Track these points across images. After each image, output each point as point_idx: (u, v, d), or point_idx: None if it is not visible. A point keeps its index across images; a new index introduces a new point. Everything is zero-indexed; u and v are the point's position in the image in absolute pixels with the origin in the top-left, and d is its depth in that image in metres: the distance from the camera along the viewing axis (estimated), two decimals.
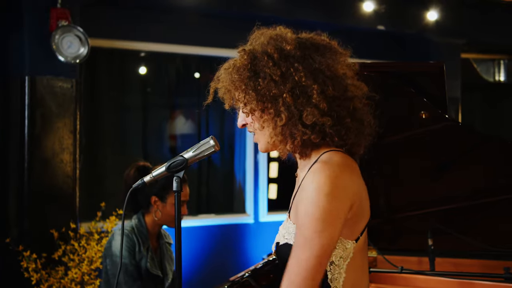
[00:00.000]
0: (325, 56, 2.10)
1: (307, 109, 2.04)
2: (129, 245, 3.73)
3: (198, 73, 7.46)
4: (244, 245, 7.16)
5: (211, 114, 7.40)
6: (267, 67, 2.08)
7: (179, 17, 6.82)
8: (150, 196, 3.82)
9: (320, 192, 1.95)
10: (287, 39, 2.11)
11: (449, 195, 3.92)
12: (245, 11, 6.95)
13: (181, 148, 7.34)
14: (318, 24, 7.25)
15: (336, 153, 2.08)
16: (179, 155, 2.35)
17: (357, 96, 2.12)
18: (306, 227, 1.96)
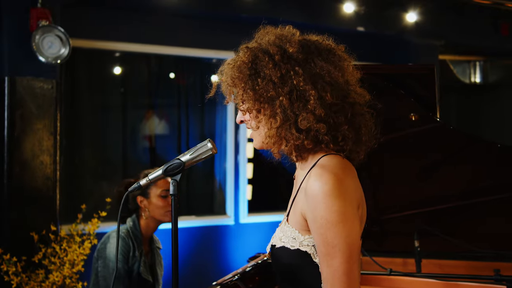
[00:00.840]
0: (328, 61, 2.08)
1: (302, 114, 2.03)
2: (124, 249, 3.71)
3: (176, 73, 7.41)
4: (224, 246, 7.13)
5: (191, 114, 7.35)
6: (267, 68, 2.07)
7: (160, 18, 6.79)
8: (135, 198, 3.83)
9: (330, 197, 1.94)
10: (291, 41, 2.10)
11: (436, 196, 3.94)
12: (226, 12, 6.93)
13: (160, 148, 7.30)
14: (299, 24, 7.25)
15: (334, 156, 2.07)
16: (176, 158, 2.32)
17: (358, 103, 2.11)
18: (327, 234, 1.96)
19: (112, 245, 3.70)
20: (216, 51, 7.21)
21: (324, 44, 2.14)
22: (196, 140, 7.44)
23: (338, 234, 1.93)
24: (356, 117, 2.09)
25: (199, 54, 7.22)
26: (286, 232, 2.10)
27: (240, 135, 7.31)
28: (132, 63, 7.18)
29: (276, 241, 2.14)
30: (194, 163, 2.33)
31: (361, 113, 2.11)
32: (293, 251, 2.06)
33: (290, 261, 2.08)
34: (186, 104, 7.32)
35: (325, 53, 2.10)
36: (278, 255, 2.12)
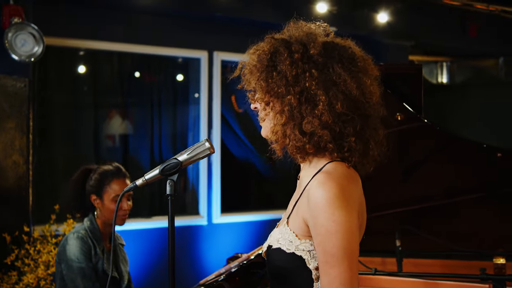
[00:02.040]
0: (346, 70, 2.04)
1: (308, 117, 2.01)
2: (84, 249, 3.65)
3: (149, 72, 7.35)
4: (197, 247, 7.09)
5: (164, 112, 7.30)
6: (284, 64, 2.05)
7: (134, 17, 6.72)
8: (90, 195, 3.78)
9: (331, 206, 1.93)
10: (315, 41, 2.06)
11: (416, 195, 3.96)
12: (199, 10, 6.89)
13: (133, 148, 7.24)
14: (272, 24, 7.25)
15: (340, 164, 2.05)
16: (173, 158, 2.28)
17: (371, 116, 2.08)
18: (326, 243, 1.94)
19: (71, 246, 3.64)
20: (192, 50, 7.17)
21: (349, 52, 2.09)
22: (168, 139, 7.38)
23: (337, 243, 1.92)
24: (367, 130, 2.06)
25: (173, 53, 7.18)
26: (284, 234, 2.08)
27: (213, 134, 7.27)
28: (104, 61, 7.09)
29: (273, 242, 2.11)
30: (191, 162, 2.30)
31: (374, 127, 2.09)
32: (288, 254, 2.04)
33: (284, 264, 2.06)
34: (158, 102, 7.26)
35: (346, 61, 2.06)
36: (273, 256, 2.10)
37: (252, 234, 7.48)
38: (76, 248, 3.61)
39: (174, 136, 7.41)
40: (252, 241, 7.39)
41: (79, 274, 3.57)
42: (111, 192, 3.76)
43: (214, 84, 7.32)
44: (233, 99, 7.79)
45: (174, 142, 7.42)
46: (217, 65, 7.30)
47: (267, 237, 2.24)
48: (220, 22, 7.21)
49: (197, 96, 7.44)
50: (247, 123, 7.92)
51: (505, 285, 3.18)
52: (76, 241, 3.64)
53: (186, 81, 7.55)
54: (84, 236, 3.68)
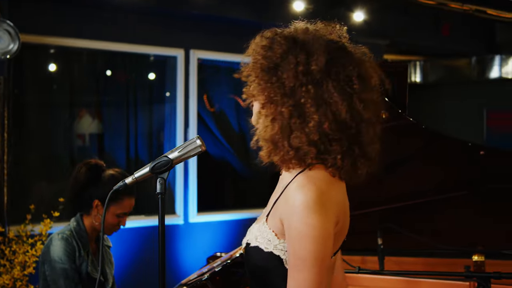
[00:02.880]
0: (340, 91, 1.99)
1: (296, 132, 1.97)
2: (68, 250, 3.57)
3: (125, 70, 7.29)
4: (174, 246, 7.04)
5: (139, 111, 7.24)
6: (287, 73, 1.99)
7: (110, 14, 6.65)
8: (93, 199, 3.67)
9: (307, 209, 1.90)
10: (319, 54, 1.99)
11: (397, 193, 3.96)
12: (176, 8, 6.84)
13: (109, 146, 7.17)
14: (249, 22, 7.24)
15: (323, 168, 2.01)
16: (163, 156, 2.25)
17: (362, 134, 2.02)
18: (297, 246, 1.91)
19: (55, 247, 3.55)
20: (168, 48, 7.13)
21: (348, 70, 2.02)
22: (144, 137, 7.33)
23: (307, 248, 1.89)
24: (356, 149, 2.01)
25: (149, 51, 7.13)
26: (263, 232, 2.06)
27: (190, 133, 7.23)
28: (78, 59, 7.01)
29: (252, 240, 2.09)
30: (182, 160, 2.27)
31: (366, 144, 2.03)
32: (266, 253, 2.02)
33: (262, 263, 2.04)
34: (134, 101, 7.20)
35: (343, 81, 2.00)
36: (251, 254, 2.08)
37: (229, 233, 7.45)
38: (60, 249, 3.54)
39: (148, 135, 7.35)
40: (229, 240, 7.36)
41: (61, 275, 3.50)
42: (119, 208, 3.65)
43: (190, 82, 7.27)
44: (205, 98, 7.75)
45: (149, 141, 7.37)
46: (193, 63, 7.25)
47: (243, 236, 2.22)
48: (197, 20, 7.17)
49: (168, 95, 7.40)
50: (223, 122, 7.89)
51: (489, 283, 3.18)
52: (60, 242, 3.56)
53: (158, 80, 7.49)
54: (69, 237, 3.60)
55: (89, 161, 3.70)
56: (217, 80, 7.88)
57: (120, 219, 3.66)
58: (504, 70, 9.81)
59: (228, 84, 7.97)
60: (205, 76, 7.67)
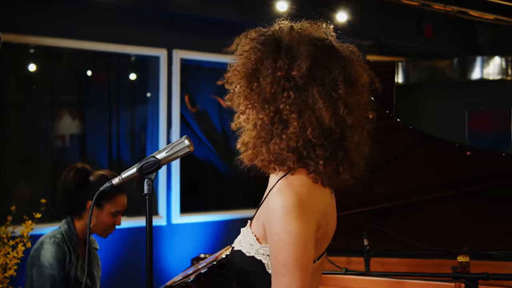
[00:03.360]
0: (325, 97, 1.94)
1: (276, 139, 1.94)
2: (60, 255, 3.51)
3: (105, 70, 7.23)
4: (157, 248, 6.99)
5: (122, 111, 7.18)
6: (266, 79, 1.95)
7: (92, 13, 6.60)
8: (87, 200, 3.61)
9: (288, 215, 1.87)
10: (301, 61, 1.94)
11: (384, 194, 3.95)
12: (157, 8, 6.80)
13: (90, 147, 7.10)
14: (233, 22, 7.21)
15: (305, 173, 1.98)
16: (151, 156, 2.21)
17: (347, 139, 1.98)
18: (278, 252, 1.89)
19: (46, 251, 3.49)
20: (151, 48, 7.08)
21: (334, 75, 1.97)
22: (126, 138, 7.27)
23: (289, 254, 1.87)
24: (339, 154, 1.97)
25: (131, 51, 7.08)
26: (246, 236, 2.05)
27: (172, 134, 7.18)
28: (58, 59, 6.93)
29: (236, 243, 2.08)
30: (170, 161, 2.23)
31: (352, 148, 1.99)
32: (248, 258, 2.01)
33: (244, 267, 2.03)
34: (116, 101, 7.15)
35: (328, 85, 1.95)
36: (234, 258, 2.07)
37: (212, 234, 7.41)
38: (51, 254, 3.47)
39: (131, 135, 7.30)
40: (212, 241, 7.33)
41: (49, 281, 3.44)
42: (113, 207, 3.61)
43: (173, 82, 7.22)
44: (187, 98, 7.71)
45: (131, 142, 7.32)
46: (176, 63, 7.21)
47: (227, 238, 2.21)
48: (179, 20, 7.13)
49: (149, 95, 7.34)
50: (206, 122, 7.86)
51: (477, 284, 3.17)
52: (52, 247, 3.48)
53: (140, 80, 7.43)
54: (61, 241, 3.53)
55: (75, 165, 3.67)
56: (200, 80, 7.83)
57: (116, 218, 3.63)
58: (486, 71, 9.86)
59: (211, 84, 7.93)
60: (188, 76, 7.63)
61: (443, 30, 9.36)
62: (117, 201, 3.61)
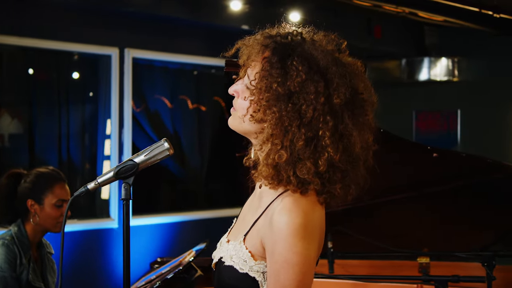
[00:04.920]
0: (355, 123, 1.90)
1: (306, 162, 1.85)
2: (9, 256, 3.41)
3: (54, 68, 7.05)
4: (108, 250, 6.86)
5: (72, 111, 7.02)
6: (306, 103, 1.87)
7: (41, 11, 6.42)
8: (26, 200, 3.53)
9: (295, 237, 1.82)
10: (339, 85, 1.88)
11: None
12: (108, 6, 6.67)
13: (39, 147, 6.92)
14: (184, 21, 7.13)
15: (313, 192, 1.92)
16: (128, 159, 2.13)
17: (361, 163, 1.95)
18: (281, 274, 1.84)
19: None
20: (102, 46, 6.94)
21: (360, 99, 1.93)
22: (76, 138, 7.11)
23: (292, 276, 1.82)
24: (352, 176, 1.93)
25: (82, 49, 6.95)
26: (238, 252, 1.96)
27: (124, 134, 7.06)
28: (3, 57, 6.74)
29: (226, 258, 1.98)
30: (149, 164, 2.15)
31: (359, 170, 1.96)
32: (241, 275, 1.93)
33: (236, 283, 1.95)
34: (66, 101, 6.98)
35: (357, 110, 1.92)
36: (224, 273, 1.98)
37: (165, 236, 7.32)
38: (1, 256, 3.37)
39: (81, 135, 7.14)
40: (165, 243, 7.24)
41: (0, 283, 3.34)
42: (54, 197, 3.53)
43: (125, 82, 7.09)
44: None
45: (82, 142, 7.16)
46: (128, 62, 7.08)
47: (179, 240, 2.13)
48: (132, 18, 7.02)
49: (99, 95, 7.20)
50: (158, 122, 7.75)
51: (447, 286, 3.18)
52: (1, 249, 3.39)
53: (90, 79, 7.29)
54: (10, 243, 3.43)
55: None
56: (152, 80, 7.73)
57: (62, 210, 3.54)
58: (433, 72, 9.98)
59: (162, 84, 7.84)
60: (140, 75, 7.51)
61: (392, 31, 9.44)
62: (56, 191, 3.54)
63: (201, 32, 7.58)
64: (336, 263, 3.98)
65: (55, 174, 3.63)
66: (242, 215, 2.12)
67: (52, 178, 3.59)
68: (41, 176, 3.57)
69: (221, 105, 8.28)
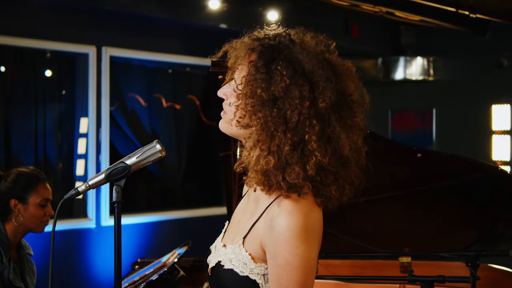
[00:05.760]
0: (343, 125, 1.90)
1: (294, 166, 1.85)
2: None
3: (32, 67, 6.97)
4: (86, 251, 6.81)
5: (48, 112, 6.94)
6: (290, 108, 1.86)
7: (17, 8, 6.34)
8: (9, 199, 3.48)
9: (297, 239, 1.82)
10: (324, 89, 1.87)
11: None
12: (86, 3, 6.62)
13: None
14: (162, 20, 7.09)
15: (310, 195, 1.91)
16: (120, 161, 2.10)
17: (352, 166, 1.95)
18: (283, 276, 1.84)
19: None
20: (79, 45, 6.87)
21: (349, 100, 1.93)
22: (53, 137, 7.04)
23: (295, 278, 1.83)
24: (346, 177, 1.93)
25: (59, 47, 6.90)
26: (238, 255, 1.95)
27: (102, 133, 7.00)
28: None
29: (226, 261, 1.97)
30: (141, 166, 2.12)
31: (352, 170, 1.95)
32: (242, 277, 1.93)
33: (235, 286, 1.95)
34: (43, 99, 6.91)
35: (345, 112, 1.91)
36: (224, 276, 1.97)
37: (142, 236, 7.28)
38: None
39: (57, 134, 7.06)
40: (144, 243, 7.20)
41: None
42: (38, 197, 3.49)
43: (102, 81, 7.03)
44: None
45: (59, 141, 7.09)
46: (105, 61, 7.02)
47: (158, 239, 2.12)
48: (109, 16, 6.96)
49: (64, 93, 7.14)
50: (135, 121, 7.70)
51: (432, 286, 3.18)
52: None
53: (66, 77, 7.21)
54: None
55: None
56: (130, 79, 7.67)
57: (45, 209, 3.51)
58: (408, 72, 10.02)
59: (140, 82, 7.79)
60: (117, 74, 7.45)
61: (369, 30, 9.47)
62: (40, 190, 3.51)
63: (179, 31, 7.55)
64: (320, 263, 3.97)
65: (37, 174, 3.59)
66: (237, 218, 2.11)
67: (35, 178, 3.55)
68: (23, 176, 3.53)
69: (196, 103, 8.24)
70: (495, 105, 9.41)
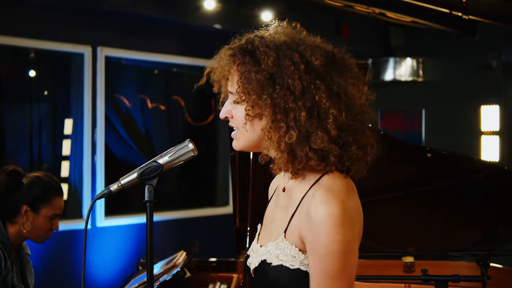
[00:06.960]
0: (344, 79, 1.95)
1: (317, 132, 1.89)
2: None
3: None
4: (81, 252, 6.75)
5: (44, 113, 6.90)
6: (291, 77, 1.90)
7: (11, 8, 6.30)
8: (21, 204, 3.40)
9: (335, 225, 1.82)
10: (316, 52, 1.94)
11: None
12: (82, 3, 6.58)
13: None
14: (158, 20, 7.07)
15: (338, 176, 1.94)
16: (152, 160, 2.09)
17: (365, 122, 2.00)
18: (327, 264, 1.84)
19: None
20: (74, 44, 6.83)
21: (341, 57, 2.00)
22: (48, 136, 6.99)
23: (339, 265, 1.83)
24: (363, 137, 1.97)
25: (54, 47, 6.84)
26: (284, 249, 1.94)
27: (97, 133, 6.96)
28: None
29: (272, 259, 1.97)
30: (173, 165, 2.12)
31: (367, 133, 1.99)
32: (293, 271, 1.92)
33: (288, 282, 1.94)
34: (38, 99, 6.86)
35: (342, 69, 1.97)
36: (274, 273, 1.96)
37: (138, 237, 7.24)
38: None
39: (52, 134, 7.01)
40: (140, 244, 7.16)
41: None
42: (50, 209, 3.38)
43: (98, 81, 6.98)
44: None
45: (52, 141, 7.05)
46: (101, 61, 6.97)
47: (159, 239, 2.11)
48: (105, 16, 6.92)
49: (46, 93, 7.09)
50: (130, 122, 7.66)
51: (447, 286, 3.19)
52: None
53: (62, 77, 7.16)
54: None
55: (5, 168, 3.45)
56: (125, 79, 7.63)
57: (53, 222, 3.43)
58: (398, 73, 10.07)
59: (135, 83, 7.75)
60: (112, 74, 7.41)
61: (360, 31, 9.50)
62: (54, 204, 3.40)
63: (174, 31, 7.52)
64: None
65: (56, 186, 3.48)
66: (269, 218, 2.11)
67: (53, 190, 3.44)
68: (42, 184, 3.42)
69: (181, 104, 8.23)
70: (484, 106, 9.47)
